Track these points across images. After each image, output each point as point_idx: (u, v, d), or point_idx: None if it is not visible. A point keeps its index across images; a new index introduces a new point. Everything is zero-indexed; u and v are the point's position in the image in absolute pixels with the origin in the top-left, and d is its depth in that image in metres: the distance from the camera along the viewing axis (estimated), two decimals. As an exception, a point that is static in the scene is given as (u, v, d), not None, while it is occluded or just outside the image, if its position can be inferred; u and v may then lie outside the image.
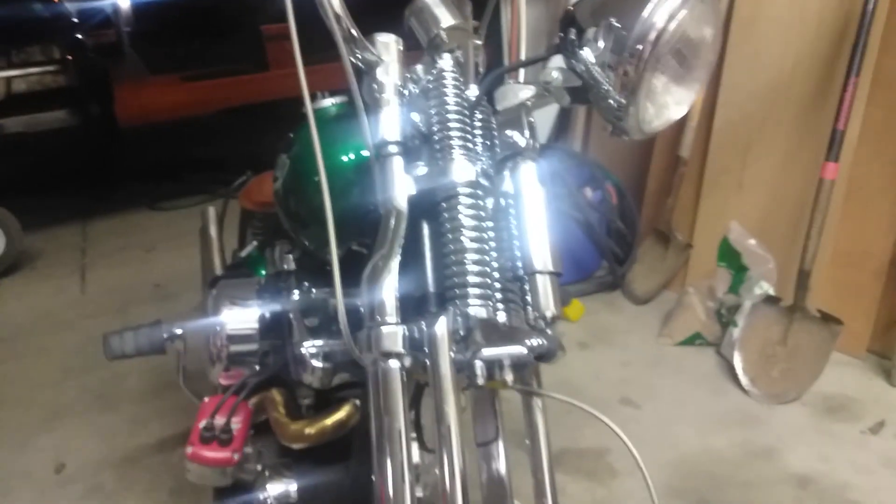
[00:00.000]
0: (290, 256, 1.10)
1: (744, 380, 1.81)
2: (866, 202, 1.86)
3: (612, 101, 0.69)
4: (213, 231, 1.68)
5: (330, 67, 0.93)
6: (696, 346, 2.02)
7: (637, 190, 2.50)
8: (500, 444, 0.81)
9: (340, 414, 0.96)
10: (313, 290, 0.98)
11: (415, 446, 1.05)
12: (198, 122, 3.93)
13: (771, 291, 1.89)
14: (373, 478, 0.62)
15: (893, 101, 1.81)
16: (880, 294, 1.87)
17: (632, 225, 2.42)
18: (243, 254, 1.46)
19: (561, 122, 2.74)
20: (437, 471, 0.63)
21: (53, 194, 3.83)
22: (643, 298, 2.28)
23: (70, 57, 3.67)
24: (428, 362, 0.62)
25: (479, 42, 0.89)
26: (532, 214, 0.70)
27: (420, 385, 0.88)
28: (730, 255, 1.99)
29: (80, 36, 3.62)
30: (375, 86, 0.72)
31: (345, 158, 0.88)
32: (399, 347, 0.61)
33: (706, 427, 1.69)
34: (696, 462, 1.58)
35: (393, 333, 0.61)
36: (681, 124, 2.24)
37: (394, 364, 0.61)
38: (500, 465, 0.80)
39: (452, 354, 0.62)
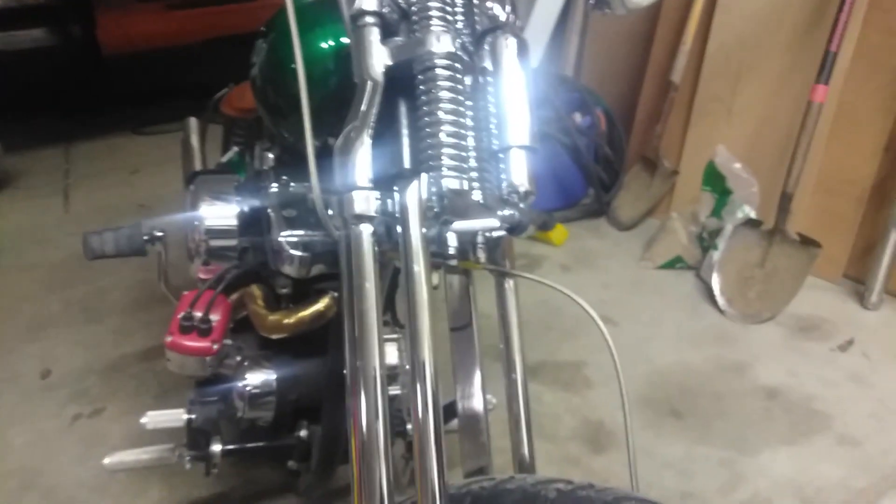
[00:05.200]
0: (269, 155, 1.09)
1: (721, 300, 1.84)
2: (854, 127, 1.86)
3: (595, -26, 0.67)
4: (194, 140, 1.65)
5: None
6: (677, 269, 2.05)
7: (627, 117, 2.48)
8: (474, 330, 0.82)
9: (318, 305, 0.97)
10: (291, 184, 0.98)
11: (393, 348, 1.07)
12: (184, 50, 3.83)
13: (752, 215, 1.91)
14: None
15: (890, 24, 1.78)
16: (860, 220, 1.89)
17: (620, 151, 2.41)
18: (224, 159, 1.45)
19: (554, 46, 2.68)
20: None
21: (36, 116, 3.75)
22: (627, 225, 2.30)
23: (49, -27, 3.52)
24: (399, 230, 0.62)
25: None
26: (510, 89, 0.69)
27: (395, 270, 0.89)
28: (714, 179, 1.99)
29: (58, -48, 3.48)
30: (352, -45, 0.70)
31: (323, 45, 0.86)
32: (371, 211, 0.61)
33: (681, 344, 1.73)
34: (669, 375, 1.62)
35: (365, 197, 0.61)
36: (674, 48, 2.20)
37: (365, 228, 0.61)
38: (474, 350, 0.82)
39: (424, 229, 0.62)
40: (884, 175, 1.87)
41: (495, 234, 0.68)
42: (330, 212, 0.65)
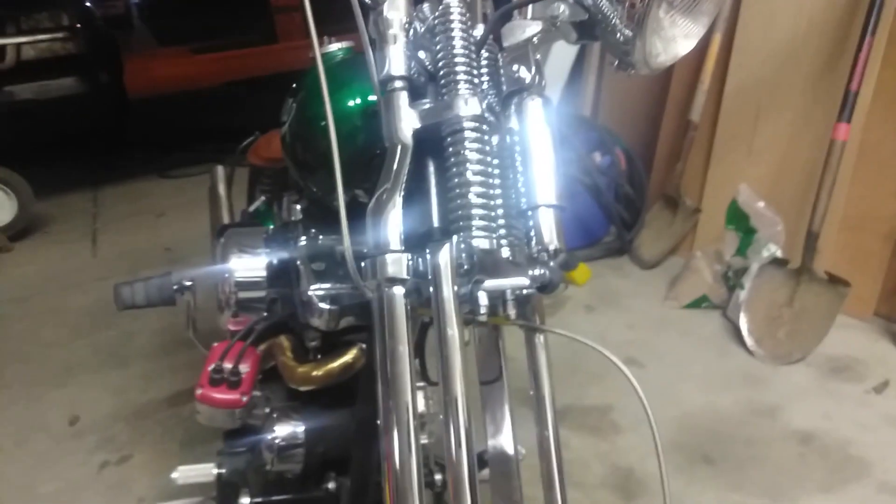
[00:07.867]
0: (297, 206, 1.11)
1: (749, 341, 1.81)
2: (877, 164, 1.84)
3: (619, 35, 0.68)
4: (221, 189, 1.68)
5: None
6: (703, 308, 2.03)
7: (646, 155, 2.49)
8: (504, 383, 0.82)
9: (347, 357, 0.97)
10: (320, 237, 0.99)
11: (420, 396, 1.07)
12: (207, 93, 3.94)
13: (779, 254, 1.89)
14: (378, 421, 0.63)
15: (909, 61, 1.78)
16: (889, 257, 1.86)
17: (640, 190, 2.41)
18: (251, 209, 1.47)
19: (571, 87, 2.71)
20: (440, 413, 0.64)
21: (65, 161, 3.87)
22: (650, 263, 2.28)
23: (78, 25, 3.67)
24: (431, 290, 0.63)
25: None
26: (537, 149, 0.70)
27: (424, 325, 0.89)
28: (738, 218, 1.98)
29: (88, 4, 3.62)
30: (382, 21, 0.72)
31: (351, 103, 0.88)
32: (403, 273, 0.62)
33: (710, 386, 1.70)
34: (699, 419, 1.59)
35: (397, 260, 0.62)
36: (692, 88, 2.22)
37: (398, 290, 0.62)
38: (504, 404, 0.82)
39: (455, 287, 0.63)
40: (911, 211, 1.85)
41: (526, 292, 0.68)
42: (362, 264, 0.66)
